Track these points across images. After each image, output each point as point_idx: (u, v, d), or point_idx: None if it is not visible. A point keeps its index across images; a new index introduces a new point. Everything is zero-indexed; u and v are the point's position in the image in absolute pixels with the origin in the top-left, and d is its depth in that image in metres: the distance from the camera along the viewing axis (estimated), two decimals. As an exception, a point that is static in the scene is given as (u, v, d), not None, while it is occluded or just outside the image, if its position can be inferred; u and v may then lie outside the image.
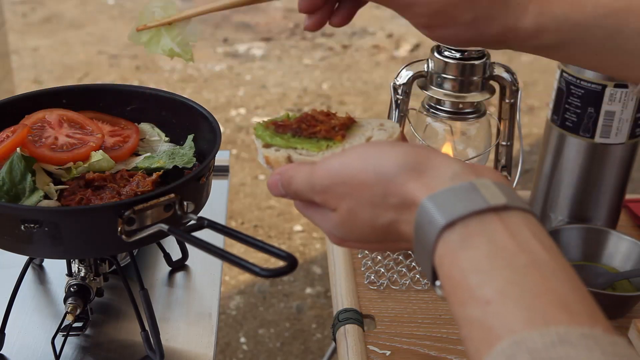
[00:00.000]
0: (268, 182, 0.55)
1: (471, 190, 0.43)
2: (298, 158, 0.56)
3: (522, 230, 0.42)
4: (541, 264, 0.40)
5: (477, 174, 0.45)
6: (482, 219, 0.42)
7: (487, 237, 0.41)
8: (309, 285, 2.24)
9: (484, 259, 0.41)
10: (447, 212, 0.42)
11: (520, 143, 0.92)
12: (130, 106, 0.90)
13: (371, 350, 0.79)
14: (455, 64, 0.85)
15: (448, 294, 0.42)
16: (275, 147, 0.57)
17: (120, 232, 0.66)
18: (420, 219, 0.44)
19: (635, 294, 0.82)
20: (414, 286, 0.90)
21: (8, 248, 0.71)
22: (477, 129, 0.92)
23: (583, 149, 0.93)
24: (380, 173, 0.47)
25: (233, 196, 2.63)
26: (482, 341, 0.39)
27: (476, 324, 0.39)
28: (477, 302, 0.40)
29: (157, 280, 0.89)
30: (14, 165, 0.74)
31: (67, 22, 4.16)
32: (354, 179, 0.48)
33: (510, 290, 0.39)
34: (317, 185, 0.50)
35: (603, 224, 0.98)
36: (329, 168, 0.50)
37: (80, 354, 0.77)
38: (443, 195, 0.44)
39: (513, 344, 0.37)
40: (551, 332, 0.36)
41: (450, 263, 0.42)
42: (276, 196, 0.55)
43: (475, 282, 0.40)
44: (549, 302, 0.38)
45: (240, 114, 3.19)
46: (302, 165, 0.52)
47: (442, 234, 0.42)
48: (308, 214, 0.54)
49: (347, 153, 0.50)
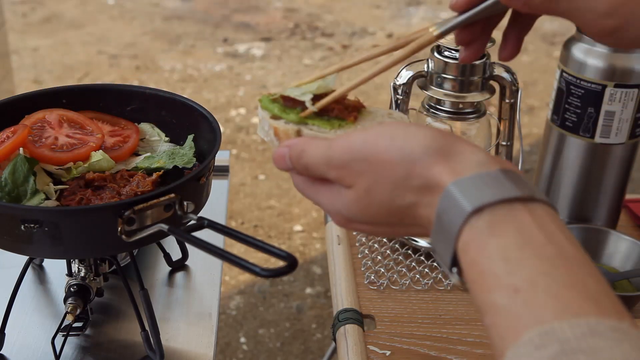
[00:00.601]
0: (274, 153, 0.53)
1: (498, 178, 0.43)
2: (309, 133, 0.55)
3: (548, 222, 0.42)
4: (568, 257, 0.40)
5: (502, 164, 0.45)
6: (511, 207, 0.42)
7: (516, 226, 0.41)
8: (309, 285, 2.24)
9: (513, 247, 0.41)
10: (474, 198, 0.42)
11: (520, 143, 0.92)
12: (130, 106, 0.90)
13: (371, 350, 0.79)
14: (455, 64, 0.85)
15: (472, 281, 0.42)
16: (284, 120, 0.56)
17: (120, 232, 0.66)
18: (445, 203, 0.44)
19: (635, 294, 0.82)
20: (414, 286, 0.90)
21: (8, 248, 0.71)
22: (477, 129, 0.92)
23: (583, 149, 0.93)
24: (406, 153, 0.46)
25: (233, 196, 2.63)
26: (508, 329, 0.39)
27: (502, 311, 0.39)
28: (505, 289, 0.39)
29: (157, 280, 0.89)
30: (18, 167, 0.74)
31: (67, 22, 4.16)
32: (376, 157, 0.47)
33: (540, 279, 0.39)
34: (335, 160, 0.49)
35: (603, 224, 0.98)
36: (350, 143, 0.48)
37: (80, 354, 0.77)
38: (470, 181, 0.43)
39: (543, 333, 0.37)
40: (581, 323, 0.36)
41: (476, 249, 0.42)
42: (280, 169, 0.53)
43: (503, 269, 0.40)
44: (578, 293, 0.38)
45: (240, 114, 3.19)
46: (316, 140, 0.51)
47: (468, 219, 0.42)
48: (311, 192, 0.52)
49: (370, 130, 0.49)
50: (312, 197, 0.53)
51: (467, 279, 0.43)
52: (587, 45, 0.89)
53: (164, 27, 4.08)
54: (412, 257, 0.94)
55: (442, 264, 0.46)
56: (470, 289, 0.43)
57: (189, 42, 3.85)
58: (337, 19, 4.28)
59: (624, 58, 0.87)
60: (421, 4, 4.52)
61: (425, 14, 4.36)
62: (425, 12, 4.40)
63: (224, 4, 4.36)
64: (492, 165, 0.44)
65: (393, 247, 0.96)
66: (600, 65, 0.87)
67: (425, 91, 0.89)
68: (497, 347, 0.39)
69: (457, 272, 0.44)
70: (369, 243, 0.97)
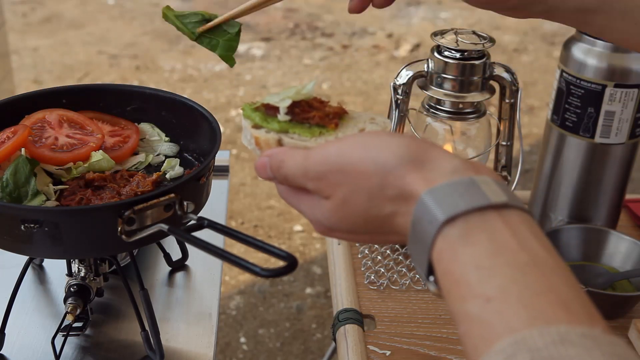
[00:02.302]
0: (256, 163, 0.53)
1: (472, 186, 0.43)
2: (289, 142, 0.54)
3: (522, 229, 0.42)
4: (541, 263, 0.40)
5: (477, 170, 0.45)
6: (484, 215, 0.42)
7: (488, 234, 0.41)
8: (309, 285, 2.24)
9: (485, 255, 0.40)
10: (447, 207, 0.42)
11: (520, 143, 0.92)
12: (130, 106, 0.90)
13: (371, 350, 0.79)
14: (455, 64, 0.85)
15: (446, 290, 0.42)
16: (266, 129, 0.56)
17: (120, 232, 0.66)
18: (419, 212, 0.44)
19: (635, 294, 0.82)
20: (414, 286, 0.90)
21: (8, 248, 0.71)
22: (477, 129, 0.92)
23: (583, 149, 0.93)
24: (380, 164, 0.46)
25: (233, 196, 2.63)
26: (481, 339, 0.39)
27: (475, 320, 0.39)
28: (477, 298, 0.39)
29: (157, 280, 0.89)
30: (19, 168, 0.74)
31: (67, 22, 4.16)
32: (352, 168, 0.47)
33: (511, 288, 0.39)
34: (311, 172, 0.49)
35: (603, 224, 0.98)
36: (326, 154, 0.48)
37: (80, 354, 0.77)
38: (443, 189, 0.43)
39: (513, 342, 0.36)
40: (552, 331, 0.36)
41: (450, 258, 0.42)
42: (263, 178, 0.53)
43: (475, 278, 0.40)
44: (550, 301, 0.38)
45: (240, 114, 3.18)
46: (294, 150, 0.51)
47: (442, 228, 0.42)
48: (293, 201, 0.53)
49: (345, 140, 0.49)
50: (295, 205, 0.53)
51: (442, 288, 0.43)
52: (587, 45, 0.89)
53: (164, 27, 4.08)
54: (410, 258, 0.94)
55: (419, 272, 0.45)
56: (445, 298, 0.43)
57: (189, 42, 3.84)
58: (337, 19, 4.28)
59: (624, 58, 0.87)
60: (421, 4, 4.52)
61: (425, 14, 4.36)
62: (425, 12, 4.40)
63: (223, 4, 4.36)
64: (466, 172, 0.44)
65: (393, 247, 0.96)
66: (600, 65, 0.87)
67: (425, 91, 0.89)
68: (470, 356, 0.39)
69: (434, 281, 0.44)
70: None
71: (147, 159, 0.86)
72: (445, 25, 4.16)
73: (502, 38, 3.95)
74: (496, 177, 0.45)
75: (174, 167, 0.84)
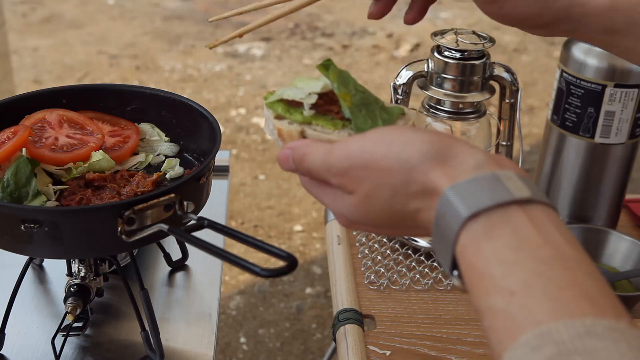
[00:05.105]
0: (278, 154, 0.53)
1: (495, 181, 0.43)
2: (312, 134, 0.54)
3: (546, 223, 0.42)
4: (565, 257, 0.40)
5: (500, 165, 0.45)
6: (506, 210, 0.42)
7: (512, 229, 0.41)
8: (309, 285, 2.24)
9: (509, 250, 0.41)
10: (470, 203, 0.42)
11: (520, 143, 0.92)
12: (130, 106, 0.90)
13: (371, 350, 0.79)
14: (455, 64, 0.85)
15: (470, 284, 0.42)
16: (288, 120, 0.55)
17: (120, 232, 0.66)
18: (442, 208, 0.44)
19: (635, 294, 0.82)
20: (414, 286, 0.90)
21: (8, 248, 0.71)
22: (477, 129, 0.92)
23: (583, 149, 0.93)
24: (403, 160, 0.46)
25: (233, 196, 2.63)
26: (505, 332, 0.39)
27: (500, 314, 0.39)
28: (501, 292, 0.40)
29: (157, 280, 0.89)
30: (20, 168, 0.74)
31: (67, 22, 4.16)
32: (375, 165, 0.47)
33: (535, 281, 0.39)
34: (334, 167, 0.49)
35: (603, 224, 0.98)
36: (349, 151, 0.49)
37: (80, 354, 0.77)
38: (466, 185, 0.43)
39: (538, 335, 0.37)
40: (577, 323, 0.36)
41: (473, 253, 0.42)
42: (285, 170, 0.53)
43: (499, 272, 0.40)
44: (574, 294, 0.38)
45: (240, 114, 3.19)
46: (317, 144, 0.51)
47: (465, 224, 0.42)
48: (317, 193, 0.53)
49: (368, 137, 0.49)
50: (318, 197, 0.53)
51: (466, 283, 0.43)
52: (587, 45, 0.89)
53: (164, 27, 4.08)
54: (412, 257, 0.94)
55: (444, 266, 0.46)
56: (469, 292, 0.43)
57: (189, 42, 3.85)
58: (337, 19, 4.28)
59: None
60: (421, 4, 4.52)
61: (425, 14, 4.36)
62: (425, 12, 4.40)
63: (223, 4, 4.36)
64: (490, 168, 0.44)
65: (393, 247, 0.96)
66: (600, 65, 0.87)
67: (425, 91, 0.89)
68: (495, 349, 0.39)
69: (458, 275, 0.44)
70: (369, 243, 0.97)
71: (147, 159, 0.86)
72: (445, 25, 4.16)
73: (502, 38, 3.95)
74: (520, 171, 0.45)
75: (174, 167, 0.84)
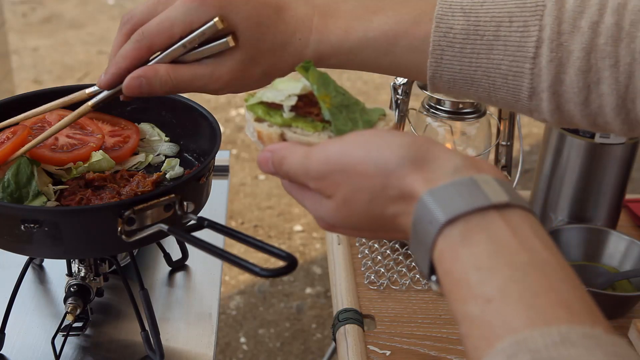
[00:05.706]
0: (258, 157, 0.53)
1: (472, 186, 0.43)
2: (292, 136, 0.54)
3: (524, 229, 0.42)
4: (542, 263, 0.40)
5: (478, 169, 0.45)
6: (484, 216, 0.42)
7: (488, 234, 0.41)
8: (309, 285, 2.24)
9: (485, 256, 0.40)
10: (448, 208, 0.42)
11: (520, 143, 0.92)
12: (130, 106, 0.90)
13: (371, 350, 0.79)
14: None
15: (447, 290, 0.42)
16: (268, 122, 0.55)
17: (120, 232, 0.66)
18: (419, 213, 0.44)
19: (635, 294, 0.82)
20: (414, 286, 0.90)
21: (8, 248, 0.71)
22: (477, 129, 0.93)
23: (583, 149, 0.93)
24: (381, 164, 0.46)
25: (233, 196, 2.63)
26: (481, 339, 0.39)
27: (476, 321, 0.39)
28: (477, 299, 0.39)
29: (157, 280, 0.89)
30: (21, 168, 0.74)
31: (67, 22, 4.16)
32: (353, 169, 0.47)
33: (512, 288, 0.39)
34: (312, 171, 0.49)
35: (603, 224, 0.98)
36: (327, 155, 0.48)
37: (80, 354, 0.77)
38: (443, 190, 0.43)
39: (514, 343, 0.36)
40: (552, 331, 0.36)
41: (450, 259, 0.42)
42: (265, 173, 0.53)
43: (476, 279, 0.40)
44: (550, 301, 0.38)
45: (240, 114, 3.19)
46: (296, 147, 0.51)
47: (442, 229, 0.42)
48: (298, 196, 0.53)
49: (346, 140, 0.49)
50: (299, 200, 0.53)
51: (444, 288, 0.43)
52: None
53: (164, 27, 4.07)
54: (412, 257, 0.94)
55: (422, 271, 0.45)
56: (447, 298, 0.43)
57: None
58: (337, 19, 4.27)
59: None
60: (421, 4, 4.51)
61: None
62: (425, 12, 4.40)
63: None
64: (468, 172, 0.44)
65: (393, 247, 0.96)
66: (600, 65, 0.87)
67: (425, 91, 0.89)
68: (471, 357, 0.39)
69: (436, 280, 0.44)
70: (369, 243, 0.97)
71: (147, 159, 0.86)
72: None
73: (502, 38, 3.95)
74: (499, 174, 0.45)
75: (174, 167, 0.84)
